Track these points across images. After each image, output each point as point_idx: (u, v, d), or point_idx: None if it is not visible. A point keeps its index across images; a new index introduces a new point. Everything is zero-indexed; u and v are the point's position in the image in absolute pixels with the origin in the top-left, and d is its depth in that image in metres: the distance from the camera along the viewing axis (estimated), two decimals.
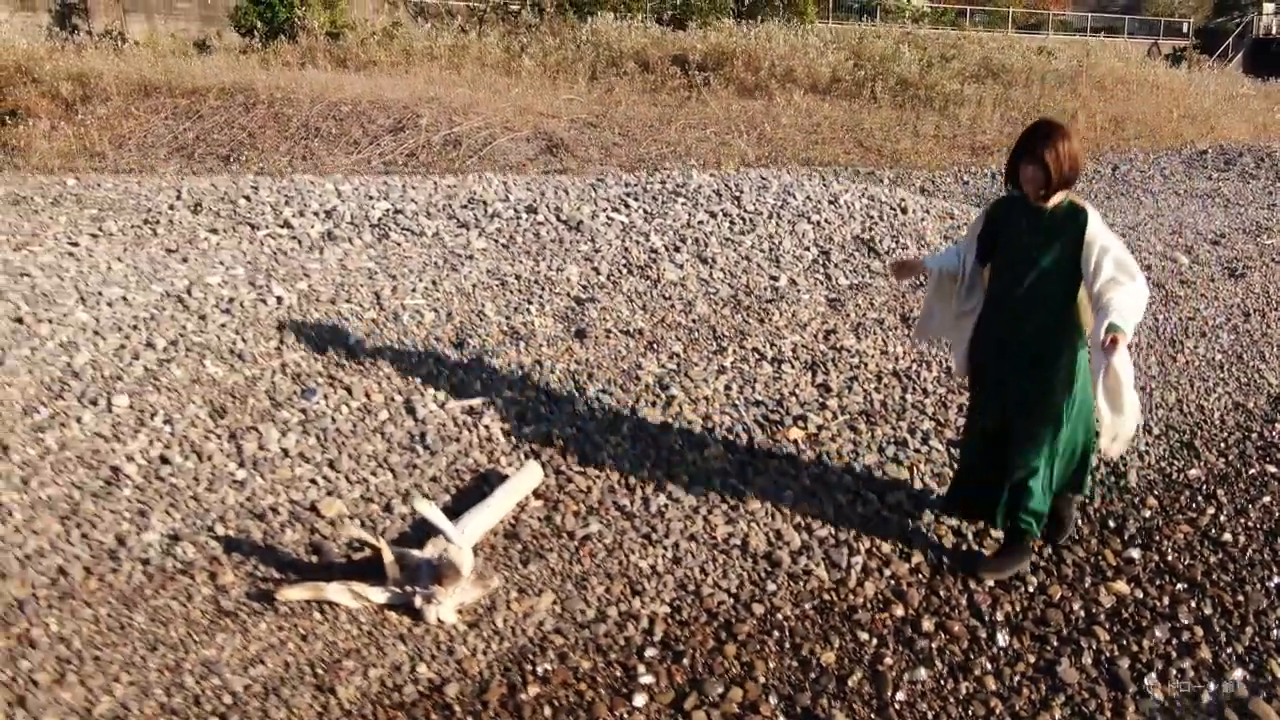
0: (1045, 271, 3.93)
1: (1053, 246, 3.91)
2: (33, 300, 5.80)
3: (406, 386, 5.43)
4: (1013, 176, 3.99)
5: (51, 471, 4.29)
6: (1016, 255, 4.01)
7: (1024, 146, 3.84)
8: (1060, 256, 3.90)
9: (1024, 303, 4.02)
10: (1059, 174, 3.79)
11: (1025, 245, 3.97)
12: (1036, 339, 4.04)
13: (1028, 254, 3.97)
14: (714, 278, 7.52)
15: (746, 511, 4.73)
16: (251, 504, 4.31)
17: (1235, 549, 4.92)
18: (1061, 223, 3.90)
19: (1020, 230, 3.99)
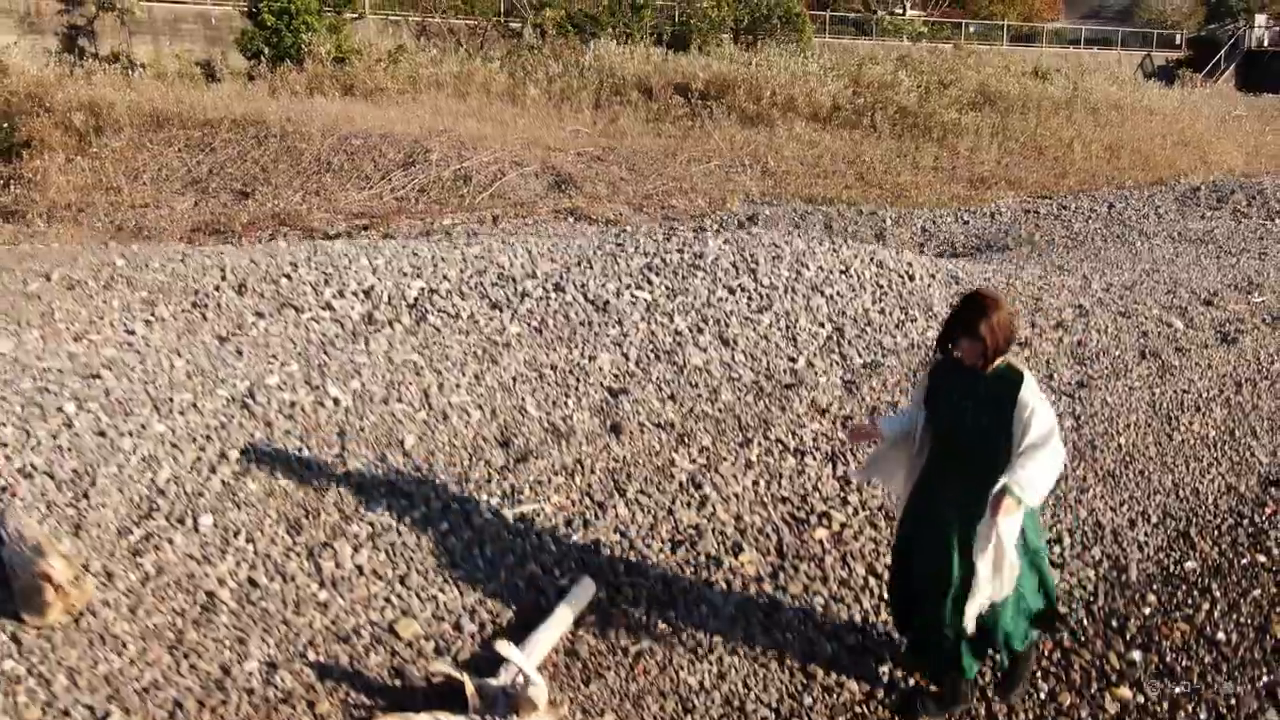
0: (984, 431, 4.12)
1: (990, 409, 4.11)
2: (110, 409, 6.24)
3: (461, 493, 5.87)
4: (946, 347, 4.20)
5: (154, 599, 4.74)
6: (956, 417, 4.21)
7: (959, 321, 4.06)
8: (997, 418, 4.09)
9: (964, 462, 4.22)
10: (994, 346, 4.02)
11: (964, 408, 4.17)
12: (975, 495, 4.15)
13: (967, 416, 4.17)
14: (736, 361, 7.97)
15: (782, 621, 5.18)
16: (336, 627, 4.75)
17: (1228, 648, 5.37)
18: (998, 386, 4.11)
19: (960, 393, 4.19)
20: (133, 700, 4.13)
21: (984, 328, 3.96)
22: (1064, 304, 10.14)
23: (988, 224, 17.37)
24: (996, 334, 3.98)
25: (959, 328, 4.04)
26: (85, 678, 4.21)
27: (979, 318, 3.97)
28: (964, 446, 4.21)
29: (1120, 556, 6.08)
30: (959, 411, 4.19)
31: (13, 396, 6.28)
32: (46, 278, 8.61)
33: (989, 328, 3.97)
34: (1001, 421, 4.06)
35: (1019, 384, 4.06)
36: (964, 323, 4.01)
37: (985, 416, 4.11)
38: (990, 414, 4.10)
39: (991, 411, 4.09)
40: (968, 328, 4.00)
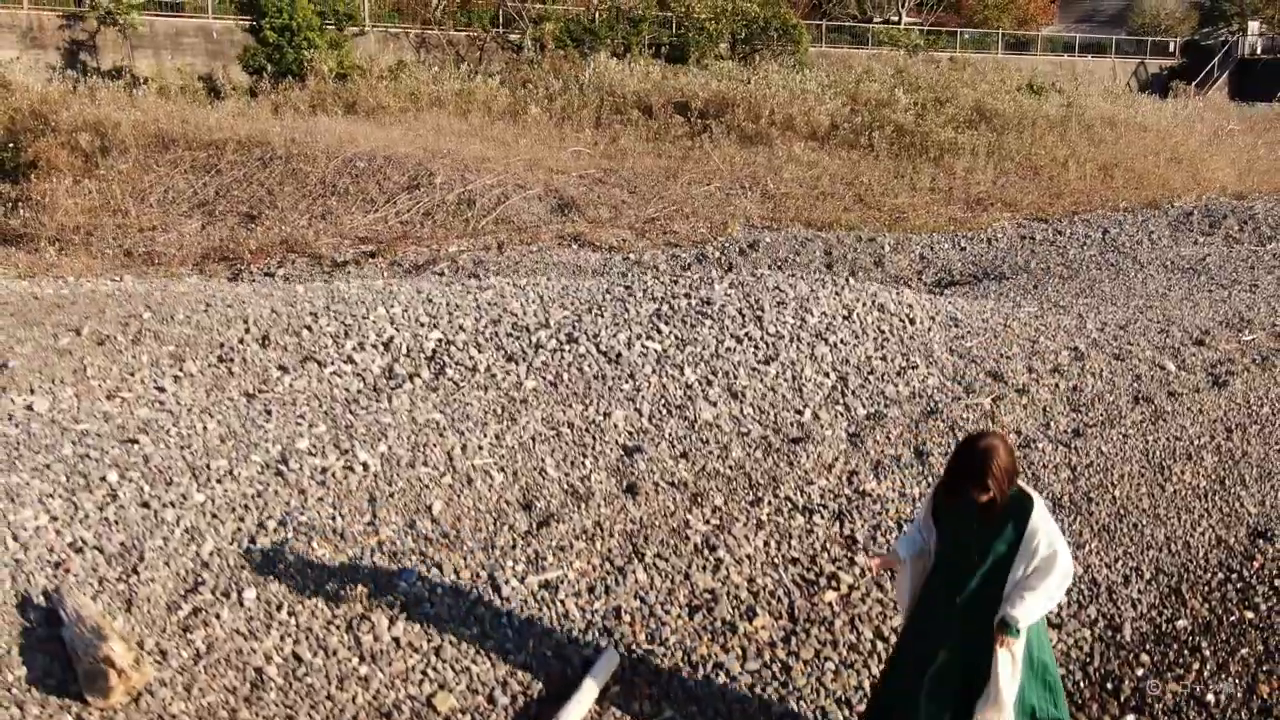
0: (993, 554, 4.26)
1: (999, 533, 4.23)
2: (151, 478, 6.55)
3: (489, 560, 6.18)
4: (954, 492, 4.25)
5: (206, 676, 5.04)
6: (965, 539, 4.32)
7: (965, 475, 4.12)
8: (1007, 542, 4.23)
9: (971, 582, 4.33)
10: (1002, 491, 4.10)
11: (974, 533, 4.28)
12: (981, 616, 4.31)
13: (975, 539, 4.28)
14: (745, 415, 8.29)
15: (795, 689, 5.49)
16: (378, 702, 5.06)
17: (1217, 709, 5.69)
18: (1008, 511, 4.21)
19: (968, 517, 4.27)
20: None
21: (990, 481, 4.04)
22: (1060, 346, 10.45)
23: (984, 250, 17.70)
24: (1002, 481, 4.06)
25: (966, 481, 4.09)
26: None
27: (985, 471, 4.03)
28: (972, 568, 4.33)
29: (1115, 615, 6.37)
30: (967, 534, 4.30)
31: (56, 464, 6.58)
32: (77, 332, 8.90)
33: (994, 479, 4.04)
34: (1010, 545, 4.20)
35: (1029, 509, 4.17)
36: (970, 476, 4.07)
37: (995, 540, 4.23)
38: (1000, 538, 4.23)
39: (1001, 535, 4.22)
40: (976, 481, 4.06)
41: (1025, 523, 4.16)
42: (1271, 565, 7.11)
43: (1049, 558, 4.17)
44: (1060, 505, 7.46)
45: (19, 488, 6.26)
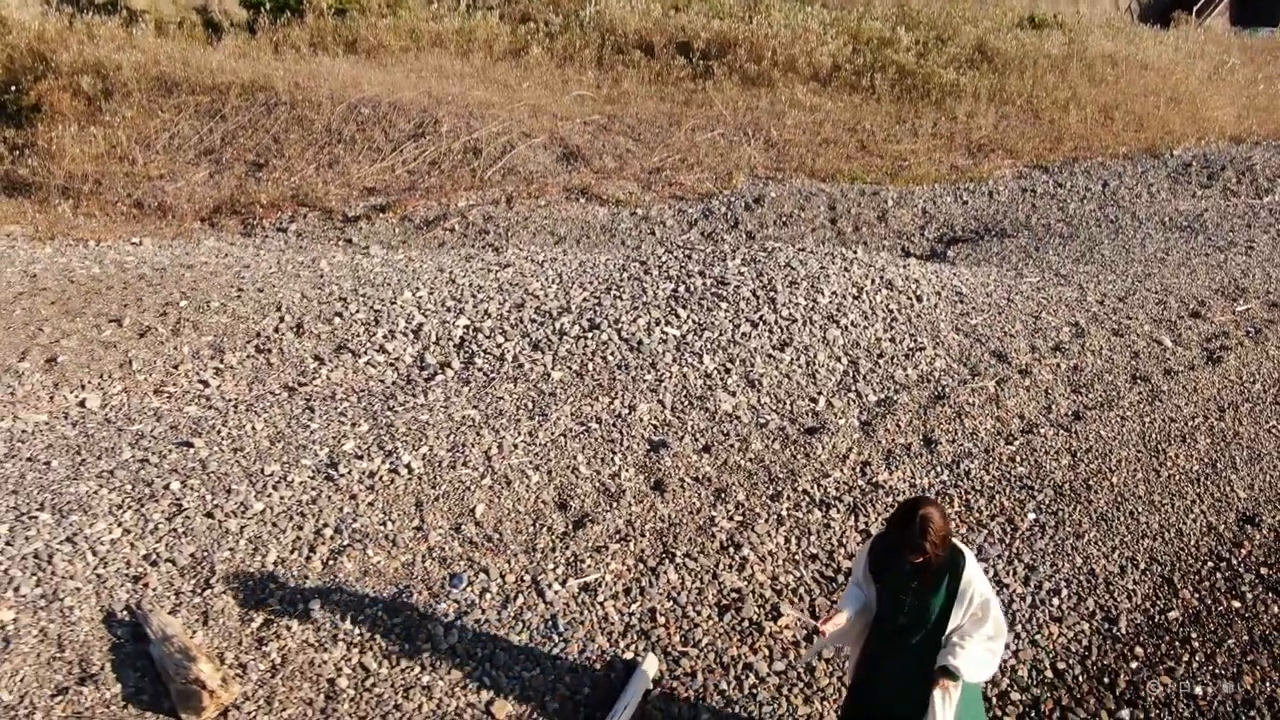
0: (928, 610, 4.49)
1: (936, 590, 4.46)
2: (211, 486, 6.97)
3: (531, 564, 6.64)
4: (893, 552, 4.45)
5: (284, 689, 5.53)
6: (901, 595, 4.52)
7: (902, 540, 4.32)
8: (943, 597, 4.47)
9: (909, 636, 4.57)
10: (937, 556, 4.34)
11: (912, 590, 4.49)
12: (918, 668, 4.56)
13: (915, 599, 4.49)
14: (762, 404, 8.71)
15: (819, 689, 5.99)
16: (441, 710, 5.55)
17: (1204, 702, 6.19)
18: (943, 569, 4.44)
19: (906, 576, 4.49)
20: None
21: (927, 546, 4.27)
22: (1062, 321, 10.84)
23: (986, 204, 17.97)
24: (939, 546, 4.29)
25: (904, 546, 4.30)
26: None
27: (922, 538, 4.26)
28: (912, 623, 4.53)
29: (1111, 607, 6.85)
30: (906, 591, 4.49)
31: (120, 471, 7.01)
32: (118, 323, 9.26)
33: (931, 545, 4.27)
34: (946, 599, 4.44)
35: (961, 566, 4.42)
36: (907, 543, 4.28)
37: (932, 596, 4.46)
38: (936, 594, 4.45)
39: (937, 592, 4.45)
40: (913, 547, 4.28)
41: (959, 579, 4.40)
42: (1258, 552, 7.56)
43: (983, 605, 4.41)
44: (1062, 494, 7.90)
45: (88, 498, 6.69)
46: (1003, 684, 6.09)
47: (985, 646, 4.47)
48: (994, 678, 6.06)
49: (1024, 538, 7.37)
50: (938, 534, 4.25)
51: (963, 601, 4.41)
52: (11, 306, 9.70)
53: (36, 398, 8.24)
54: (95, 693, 5.30)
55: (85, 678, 5.37)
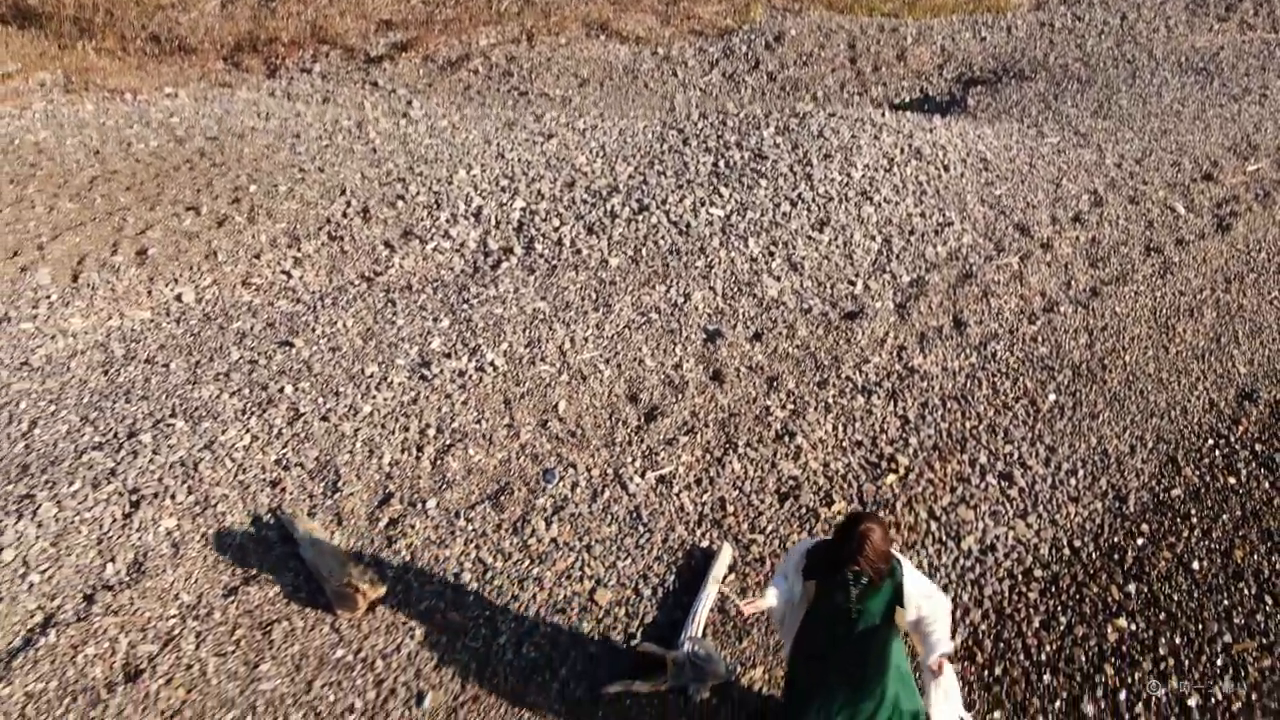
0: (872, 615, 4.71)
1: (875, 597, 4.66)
2: (321, 389, 7.72)
3: (612, 458, 7.47)
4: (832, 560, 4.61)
5: (416, 584, 6.43)
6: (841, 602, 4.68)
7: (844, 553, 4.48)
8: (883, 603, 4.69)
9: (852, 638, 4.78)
10: (875, 570, 4.49)
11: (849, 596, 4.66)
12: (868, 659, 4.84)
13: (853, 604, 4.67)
14: (805, 289, 9.39)
15: None
16: (552, 599, 6.48)
17: (1199, 575, 7.12)
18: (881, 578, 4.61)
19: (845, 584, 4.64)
20: (432, 677, 5.90)
21: (864, 561, 4.44)
22: (1081, 189, 11.38)
23: (1004, 40, 18.07)
24: (876, 562, 4.46)
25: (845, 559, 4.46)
26: (394, 660, 5.96)
27: (859, 552, 4.42)
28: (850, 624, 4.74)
29: (1122, 486, 7.71)
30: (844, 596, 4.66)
31: (235, 375, 7.75)
32: (196, 211, 9.81)
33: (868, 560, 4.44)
34: (886, 605, 4.67)
35: (899, 576, 4.63)
36: (845, 555, 4.46)
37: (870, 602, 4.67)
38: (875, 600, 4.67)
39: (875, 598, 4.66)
40: (850, 559, 4.45)
41: (900, 588, 4.64)
42: (1254, 429, 8.37)
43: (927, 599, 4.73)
44: (1079, 374, 8.65)
45: (213, 403, 7.45)
46: (1027, 561, 6.99)
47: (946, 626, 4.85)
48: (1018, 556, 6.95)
49: (1045, 419, 8.16)
50: (875, 550, 4.40)
51: (911, 606, 4.67)
52: (90, 193, 10.19)
53: (136, 293, 8.87)
54: (259, 592, 6.19)
55: (249, 578, 6.25)
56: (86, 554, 6.23)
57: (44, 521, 6.38)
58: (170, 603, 6.01)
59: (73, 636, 5.77)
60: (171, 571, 6.18)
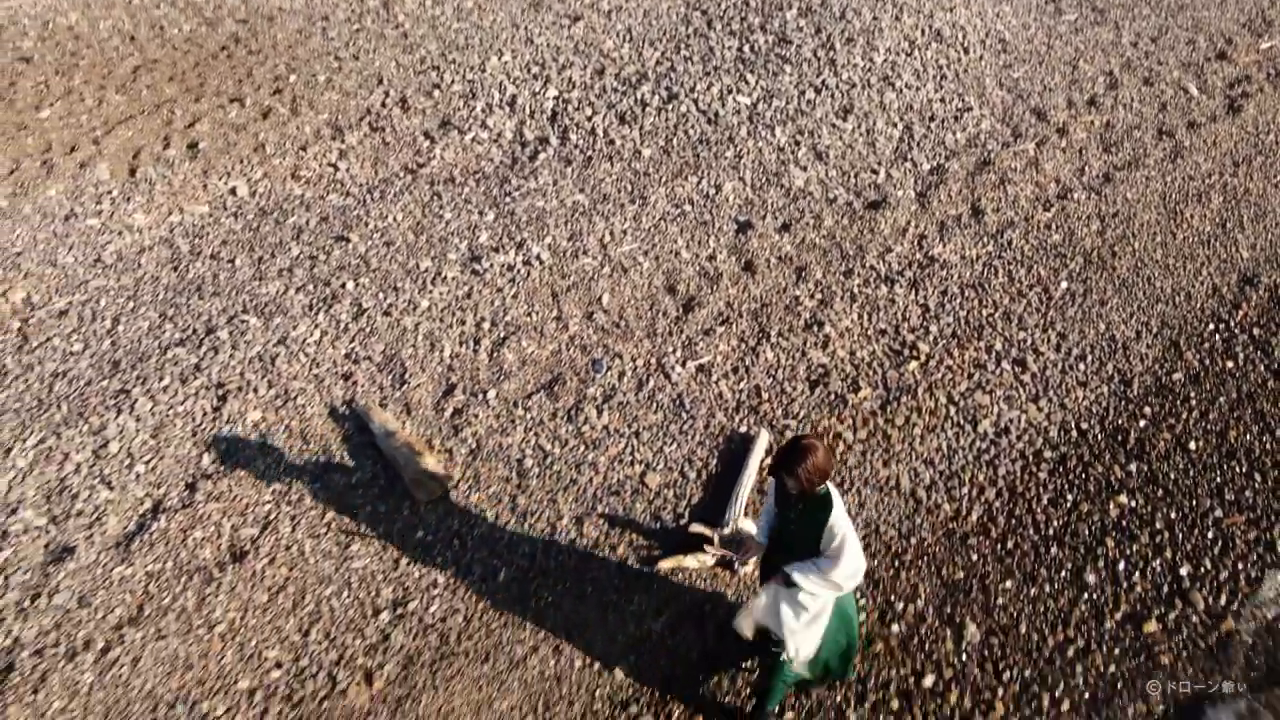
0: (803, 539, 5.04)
1: (807, 524, 4.98)
2: (380, 284, 8.18)
3: (655, 349, 8.00)
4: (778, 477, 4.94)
5: (484, 469, 7.04)
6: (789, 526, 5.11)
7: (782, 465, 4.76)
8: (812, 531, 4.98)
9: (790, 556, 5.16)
10: (810, 484, 4.77)
11: (791, 522, 5.08)
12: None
13: (791, 525, 5.08)
14: (830, 178, 9.75)
15: (895, 454, 7.52)
16: (607, 482, 7.10)
17: (1195, 454, 7.71)
18: (813, 507, 4.94)
19: (790, 512, 5.07)
20: (504, 555, 6.56)
21: (800, 472, 4.73)
22: (1097, 70, 11.58)
23: None
24: (811, 476, 4.75)
25: (782, 469, 4.77)
26: (469, 540, 6.61)
27: (797, 465, 4.71)
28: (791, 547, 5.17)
29: (1127, 370, 8.23)
30: (787, 521, 5.14)
31: (297, 271, 8.20)
32: (240, 103, 10.09)
33: (804, 472, 4.73)
34: (814, 533, 5.00)
35: (829, 509, 4.92)
36: (785, 467, 4.75)
37: (806, 527, 5.03)
38: (807, 527, 5.02)
39: (808, 526, 5.02)
40: (789, 471, 4.74)
41: (825, 519, 4.96)
42: (1253, 313, 8.83)
43: (839, 547, 4.97)
44: (1090, 261, 9.08)
45: (280, 299, 7.93)
46: (1037, 443, 7.57)
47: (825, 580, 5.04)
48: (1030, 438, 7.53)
49: (1057, 306, 8.63)
50: (814, 468, 4.72)
51: (828, 538, 4.97)
52: (135, 85, 10.43)
53: (192, 188, 9.24)
54: (342, 478, 6.79)
55: (332, 466, 6.85)
56: (184, 445, 6.81)
57: (141, 416, 6.94)
58: (264, 489, 6.61)
59: (181, 521, 6.38)
60: (262, 460, 6.77)
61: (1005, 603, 6.47)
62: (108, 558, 6.15)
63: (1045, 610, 6.33)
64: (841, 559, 4.94)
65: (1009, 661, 6.03)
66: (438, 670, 5.81)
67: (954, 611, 6.38)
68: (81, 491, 6.47)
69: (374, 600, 6.07)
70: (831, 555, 4.97)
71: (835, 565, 4.95)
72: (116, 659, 5.70)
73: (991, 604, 6.45)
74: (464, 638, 5.94)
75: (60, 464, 6.60)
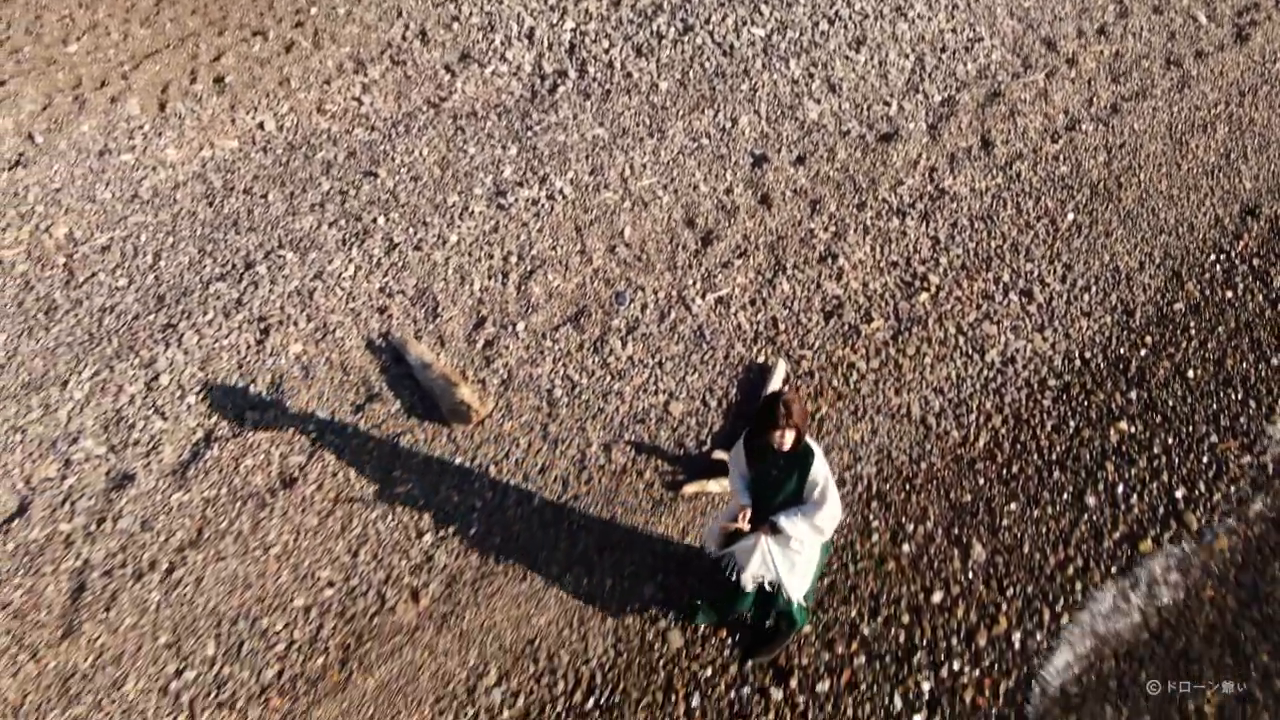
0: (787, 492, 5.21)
1: (792, 478, 5.15)
2: (410, 219, 8.43)
3: (675, 281, 8.28)
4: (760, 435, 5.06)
5: (515, 400, 7.37)
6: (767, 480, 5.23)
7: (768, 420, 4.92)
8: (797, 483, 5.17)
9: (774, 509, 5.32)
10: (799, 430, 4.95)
11: (775, 478, 5.19)
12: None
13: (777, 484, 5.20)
14: (844, 110, 9.94)
15: (906, 382, 7.86)
16: (632, 410, 7.43)
17: (1193, 382, 8.04)
18: (799, 460, 5.10)
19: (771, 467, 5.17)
20: (538, 480, 6.93)
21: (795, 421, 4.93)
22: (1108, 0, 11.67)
23: None
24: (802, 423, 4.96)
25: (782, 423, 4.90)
26: (505, 466, 6.97)
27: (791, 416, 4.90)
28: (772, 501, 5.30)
29: (1130, 301, 8.51)
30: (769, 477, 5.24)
31: (329, 206, 8.45)
32: (264, 36, 10.22)
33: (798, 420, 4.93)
34: (798, 484, 5.19)
35: (811, 460, 5.10)
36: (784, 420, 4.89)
37: (788, 482, 5.19)
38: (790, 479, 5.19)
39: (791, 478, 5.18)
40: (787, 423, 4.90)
41: (809, 470, 5.13)
42: (1253, 244, 9.10)
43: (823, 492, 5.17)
44: (1097, 193, 9.29)
45: (314, 233, 8.19)
46: (1042, 371, 7.88)
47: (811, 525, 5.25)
48: (1035, 367, 7.85)
49: (1063, 238, 8.89)
50: (804, 413, 4.95)
51: (811, 490, 5.17)
52: (159, 18, 10.55)
53: (221, 122, 9.43)
54: (382, 408, 7.14)
55: (372, 396, 7.19)
56: (231, 377, 7.14)
57: (189, 349, 7.26)
58: (309, 419, 6.96)
59: (232, 450, 6.74)
60: (305, 391, 7.10)
61: (1009, 524, 6.82)
62: (166, 484, 6.51)
63: (1047, 531, 6.70)
64: (825, 505, 5.15)
65: (1013, 579, 6.41)
66: (479, 588, 6.20)
67: (961, 532, 6.75)
68: (137, 422, 6.81)
69: (417, 524, 6.45)
70: (817, 501, 5.16)
71: (820, 510, 5.15)
72: (180, 579, 6.09)
73: (997, 525, 6.81)
74: (503, 558, 6.32)
75: (115, 395, 6.93)
